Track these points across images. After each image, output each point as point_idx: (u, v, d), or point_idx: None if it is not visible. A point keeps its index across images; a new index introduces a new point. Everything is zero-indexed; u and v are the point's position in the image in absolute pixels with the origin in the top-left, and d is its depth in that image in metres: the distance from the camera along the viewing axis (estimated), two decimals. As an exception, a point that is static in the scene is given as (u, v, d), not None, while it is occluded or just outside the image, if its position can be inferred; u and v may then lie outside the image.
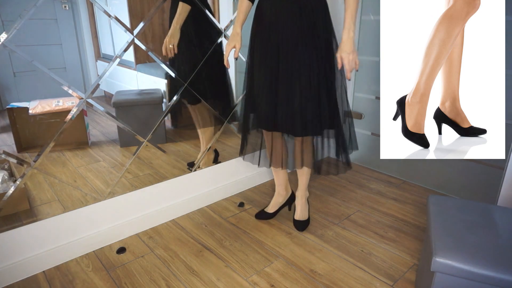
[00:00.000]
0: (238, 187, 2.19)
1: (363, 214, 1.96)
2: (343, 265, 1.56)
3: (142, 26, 1.60)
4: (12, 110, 1.70)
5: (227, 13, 2.30)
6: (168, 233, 1.79)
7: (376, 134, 2.47)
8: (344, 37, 1.43)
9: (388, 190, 2.23)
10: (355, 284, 1.45)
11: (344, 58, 1.44)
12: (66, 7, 1.78)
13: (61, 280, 1.47)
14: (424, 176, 2.27)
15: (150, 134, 1.73)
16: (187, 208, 1.96)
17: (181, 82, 1.81)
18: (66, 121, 1.46)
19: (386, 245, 1.70)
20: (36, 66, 1.40)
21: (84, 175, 1.82)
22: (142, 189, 1.77)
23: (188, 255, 1.63)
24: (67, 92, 1.45)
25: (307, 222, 1.83)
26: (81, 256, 1.62)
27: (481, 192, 2.02)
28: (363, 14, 2.32)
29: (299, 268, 1.54)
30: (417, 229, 1.83)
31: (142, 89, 2.12)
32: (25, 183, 1.64)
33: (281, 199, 1.89)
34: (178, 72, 1.82)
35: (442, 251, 1.11)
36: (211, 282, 1.47)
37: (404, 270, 1.54)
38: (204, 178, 2.01)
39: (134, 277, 1.49)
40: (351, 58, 1.43)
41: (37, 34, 1.68)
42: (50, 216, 1.51)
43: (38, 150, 1.46)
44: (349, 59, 1.43)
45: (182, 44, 1.84)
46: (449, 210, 1.32)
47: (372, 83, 2.41)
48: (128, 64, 2.07)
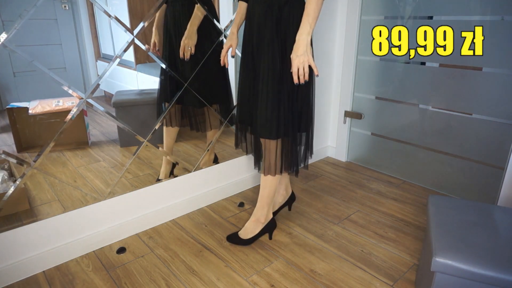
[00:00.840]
0: (238, 187, 2.19)
1: (363, 214, 1.96)
2: (343, 265, 1.56)
3: (142, 26, 1.60)
4: (12, 110, 1.70)
5: (227, 13, 2.30)
6: (168, 233, 1.79)
7: (376, 134, 2.47)
8: (296, 38, 1.34)
9: (388, 190, 2.23)
10: (355, 284, 1.45)
11: (293, 59, 1.35)
12: (66, 7, 1.78)
13: (61, 280, 1.47)
14: (424, 176, 2.27)
15: (150, 134, 1.73)
16: (187, 208, 1.96)
17: (181, 83, 1.81)
18: (66, 121, 1.46)
19: (386, 245, 1.70)
20: (36, 66, 1.40)
21: (84, 175, 1.82)
22: (142, 189, 1.77)
23: (188, 255, 1.63)
24: (67, 92, 1.45)
25: (241, 241, 1.68)
26: (81, 256, 1.62)
27: (481, 192, 2.02)
28: (363, 14, 2.32)
29: (299, 268, 1.54)
30: (417, 229, 1.83)
31: (142, 89, 2.12)
32: (25, 183, 1.64)
33: (281, 199, 1.89)
34: (178, 73, 1.82)
35: (442, 251, 1.11)
36: (211, 282, 1.47)
37: (404, 270, 1.54)
38: (204, 178, 2.01)
39: (134, 277, 1.49)
40: (300, 61, 1.33)
41: (37, 34, 1.68)
42: (50, 216, 1.52)
43: (38, 150, 1.46)
44: (298, 62, 1.34)
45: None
46: (449, 210, 1.32)
47: (372, 83, 2.41)
48: (128, 64, 2.07)
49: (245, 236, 1.69)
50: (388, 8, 2.21)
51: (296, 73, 1.36)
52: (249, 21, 1.53)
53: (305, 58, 1.33)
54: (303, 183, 2.31)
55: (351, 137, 2.63)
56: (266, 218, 1.70)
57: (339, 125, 2.64)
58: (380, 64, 2.33)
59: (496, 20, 1.80)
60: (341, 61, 2.50)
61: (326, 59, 2.48)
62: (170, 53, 1.87)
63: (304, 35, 1.33)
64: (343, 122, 2.61)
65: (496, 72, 1.85)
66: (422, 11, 2.06)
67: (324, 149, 2.74)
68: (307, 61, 1.34)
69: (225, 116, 2.04)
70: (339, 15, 2.43)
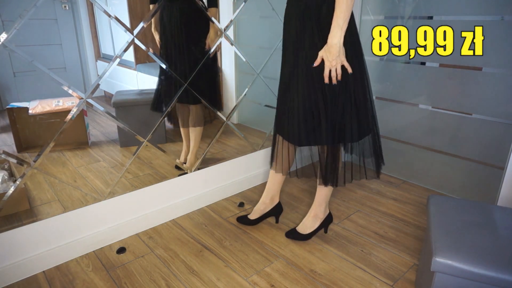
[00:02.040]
0: (238, 187, 2.19)
1: (363, 214, 1.96)
2: (343, 265, 1.56)
3: (142, 26, 1.60)
4: (12, 110, 1.70)
5: (227, 13, 2.30)
6: (168, 233, 1.79)
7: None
8: (328, 41, 1.32)
9: (388, 190, 2.23)
10: (355, 284, 1.45)
11: (325, 63, 1.35)
12: (66, 7, 1.78)
13: (61, 280, 1.47)
14: (424, 176, 2.27)
15: (150, 134, 1.73)
16: (187, 208, 1.96)
17: (180, 83, 1.81)
18: (66, 121, 1.46)
19: (386, 245, 1.70)
20: (36, 66, 1.40)
21: (84, 175, 1.82)
22: (142, 189, 1.77)
23: (188, 255, 1.63)
24: (67, 92, 1.45)
25: (300, 236, 1.72)
26: (81, 256, 1.61)
27: (481, 192, 2.02)
28: (363, 15, 2.32)
29: (299, 268, 1.54)
30: (417, 229, 1.83)
31: (142, 89, 2.12)
32: (25, 183, 1.64)
33: (263, 207, 1.83)
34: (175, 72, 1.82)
35: (442, 251, 1.11)
36: (211, 282, 1.47)
37: (404, 270, 1.54)
38: (204, 178, 2.01)
39: (134, 277, 1.49)
40: (332, 64, 1.33)
41: (37, 34, 1.68)
42: (50, 216, 1.51)
43: (38, 150, 1.46)
44: (330, 65, 1.34)
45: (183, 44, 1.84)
46: (449, 210, 1.32)
47: (372, 83, 2.40)
48: (128, 64, 2.07)
49: (304, 231, 1.72)
50: (388, 8, 2.21)
51: (328, 76, 1.36)
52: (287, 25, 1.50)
53: (338, 61, 1.33)
54: (303, 183, 2.31)
55: (351, 137, 2.63)
56: (324, 213, 1.74)
57: (339, 125, 2.64)
58: (380, 64, 2.33)
59: (496, 20, 1.80)
60: (341, 61, 2.50)
61: (326, 59, 2.48)
62: (168, 54, 1.87)
63: (336, 40, 1.30)
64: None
65: (496, 72, 1.85)
66: (422, 11, 2.06)
67: (324, 149, 2.74)
68: (340, 63, 1.34)
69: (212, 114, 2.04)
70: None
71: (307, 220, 1.75)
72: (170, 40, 1.86)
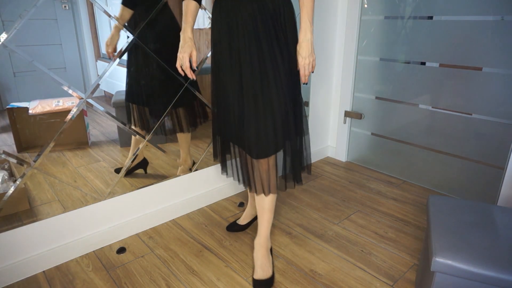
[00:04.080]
0: (238, 187, 2.19)
1: (363, 214, 1.96)
2: (343, 265, 1.56)
3: (142, 26, 1.60)
4: (12, 110, 1.70)
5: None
6: (168, 233, 1.79)
7: (376, 134, 2.47)
8: (301, 39, 1.27)
9: (388, 190, 2.23)
10: (355, 284, 1.45)
11: (299, 61, 1.30)
12: (66, 7, 1.78)
13: (61, 280, 1.47)
14: (424, 176, 2.27)
15: (150, 134, 1.73)
16: (187, 208, 1.96)
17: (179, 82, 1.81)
18: (66, 121, 1.46)
19: (386, 245, 1.70)
20: (36, 66, 1.41)
21: (84, 175, 1.82)
22: (142, 189, 1.77)
23: (188, 255, 1.63)
24: (67, 92, 1.45)
25: (270, 282, 1.44)
26: (81, 256, 1.62)
27: (481, 192, 2.02)
28: (363, 14, 2.32)
29: (299, 268, 1.54)
30: (417, 229, 1.83)
31: (142, 89, 2.11)
32: (25, 183, 1.64)
33: (254, 211, 1.81)
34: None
35: (442, 251, 1.11)
36: (211, 282, 1.47)
37: (404, 270, 1.54)
38: (204, 178, 2.01)
39: (134, 277, 1.49)
40: (307, 62, 1.28)
41: (37, 34, 1.68)
42: (50, 216, 1.52)
43: (38, 150, 1.46)
44: (305, 63, 1.29)
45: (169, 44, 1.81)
46: (449, 210, 1.32)
47: (372, 83, 2.41)
48: (128, 64, 2.06)
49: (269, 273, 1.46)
50: (388, 8, 2.21)
51: (304, 75, 1.32)
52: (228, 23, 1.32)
53: (311, 59, 1.29)
54: (303, 183, 2.31)
55: (351, 137, 2.63)
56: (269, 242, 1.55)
57: (339, 125, 2.64)
58: (380, 64, 2.33)
59: (496, 20, 1.80)
60: (341, 61, 2.50)
61: (326, 59, 2.48)
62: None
63: (308, 35, 1.26)
64: (343, 122, 2.61)
65: (496, 72, 1.85)
66: (422, 11, 2.06)
67: (324, 149, 2.74)
68: (313, 60, 1.30)
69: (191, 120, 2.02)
70: (339, 15, 2.43)
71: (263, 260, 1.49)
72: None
